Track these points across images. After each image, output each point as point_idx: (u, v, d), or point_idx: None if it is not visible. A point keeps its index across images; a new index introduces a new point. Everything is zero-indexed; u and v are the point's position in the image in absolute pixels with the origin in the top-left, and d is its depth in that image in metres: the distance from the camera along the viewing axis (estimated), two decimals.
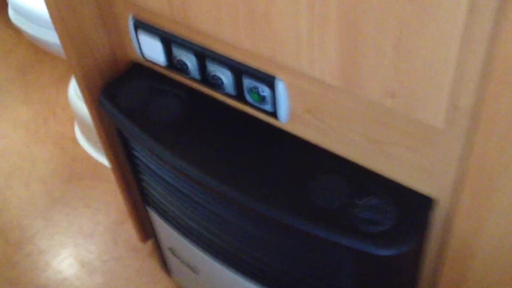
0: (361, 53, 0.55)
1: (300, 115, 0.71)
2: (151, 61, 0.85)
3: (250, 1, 0.61)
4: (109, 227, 1.34)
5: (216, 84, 0.76)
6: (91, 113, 0.96)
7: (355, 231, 0.64)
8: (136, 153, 0.89)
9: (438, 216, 0.66)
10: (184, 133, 0.79)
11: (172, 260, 1.09)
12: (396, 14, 0.49)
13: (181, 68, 0.79)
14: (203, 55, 0.75)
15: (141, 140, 0.81)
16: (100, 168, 1.47)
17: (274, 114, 0.74)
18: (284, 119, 0.74)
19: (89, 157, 1.51)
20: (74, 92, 1.47)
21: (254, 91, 0.73)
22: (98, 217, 1.36)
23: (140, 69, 0.89)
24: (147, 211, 1.02)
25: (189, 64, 0.78)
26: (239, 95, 0.76)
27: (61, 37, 0.85)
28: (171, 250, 1.04)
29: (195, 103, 0.83)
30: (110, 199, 1.40)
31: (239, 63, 0.72)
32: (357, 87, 0.59)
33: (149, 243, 1.29)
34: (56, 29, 0.84)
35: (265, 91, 0.72)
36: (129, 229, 1.33)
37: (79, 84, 0.92)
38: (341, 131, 0.68)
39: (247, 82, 0.73)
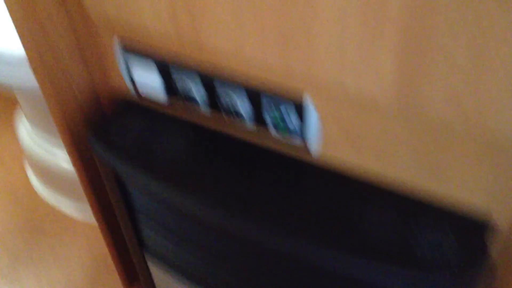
0: (427, 68, 0.49)
1: (334, 143, 0.64)
2: (144, 94, 0.76)
3: (284, 16, 0.54)
4: (86, 280, 1.20)
5: (231, 115, 0.68)
6: (72, 157, 0.85)
7: (417, 264, 0.58)
8: (134, 198, 0.79)
9: (499, 237, 0.61)
10: (195, 174, 0.70)
11: None
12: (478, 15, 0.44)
13: (185, 97, 0.71)
14: (212, 79, 0.67)
15: (143, 182, 0.71)
16: (64, 217, 1.33)
17: (303, 146, 0.67)
18: (315, 150, 0.66)
19: (49, 206, 1.36)
20: (26, 134, 1.32)
21: (279, 122, 0.65)
22: (71, 272, 1.22)
23: (130, 104, 0.79)
24: (143, 258, 0.91)
25: (195, 91, 0.69)
26: (260, 128, 0.68)
27: (36, 73, 0.74)
28: None
29: (204, 140, 0.74)
30: (82, 251, 1.26)
31: (262, 91, 0.64)
32: (417, 106, 0.53)
33: None
34: (31, 62, 0.73)
35: (293, 120, 0.64)
36: (109, 280, 1.20)
37: (59, 125, 0.80)
38: (387, 156, 0.61)
39: (271, 113, 0.65)
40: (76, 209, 1.34)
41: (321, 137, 0.64)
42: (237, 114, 0.68)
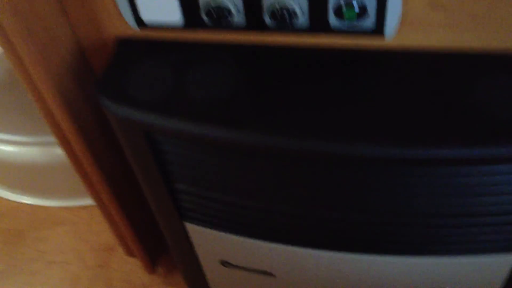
0: None
1: (418, 18, 0.53)
2: (154, 27, 0.60)
3: None
4: (95, 274, 1.04)
5: (281, 21, 0.54)
6: (70, 131, 0.68)
7: None
8: (171, 157, 0.64)
9: None
10: (248, 104, 0.57)
11: (223, 274, 0.86)
12: None
13: (217, 18, 0.56)
14: None
15: (193, 134, 0.57)
16: (40, 212, 1.14)
17: (376, 30, 0.55)
18: (393, 32, 0.55)
19: (18, 205, 1.16)
20: None
21: (347, 6, 0.53)
22: (73, 269, 1.05)
23: (135, 45, 0.62)
24: (184, 228, 0.77)
25: (231, 8, 0.55)
26: (317, 24, 0.55)
27: (10, 32, 0.55)
28: (225, 263, 0.81)
29: (243, 58, 0.60)
30: (75, 242, 1.09)
31: None
32: None
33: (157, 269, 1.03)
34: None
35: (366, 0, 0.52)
36: (122, 266, 1.05)
37: (42, 95, 0.62)
38: (495, 16, 0.51)
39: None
40: (48, 197, 1.15)
41: (401, 11, 0.53)
42: (290, 19, 0.54)
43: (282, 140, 0.55)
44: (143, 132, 0.60)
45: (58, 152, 1.03)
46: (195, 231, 0.77)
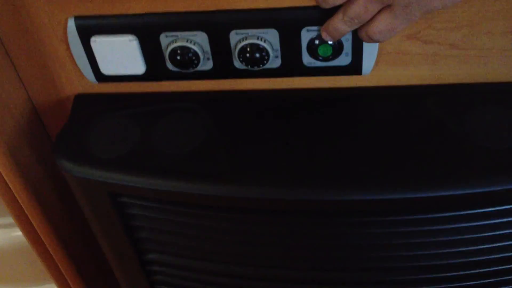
0: None
1: (395, 50, 0.50)
2: (114, 80, 0.55)
3: None
4: None
5: (251, 60, 0.51)
6: (30, 207, 0.61)
7: None
8: (141, 222, 0.58)
9: None
10: (221, 155, 0.52)
11: None
12: None
13: (183, 66, 0.52)
14: (231, 21, 0.49)
15: (159, 189, 0.51)
16: None
17: (351, 67, 0.52)
18: (369, 68, 0.52)
19: None
20: None
21: (321, 43, 0.50)
22: None
23: (93, 100, 0.57)
24: None
25: (199, 53, 0.51)
26: (289, 64, 0.52)
27: None
28: None
29: (214, 109, 0.55)
30: None
31: (295, 9, 0.48)
32: None
33: None
34: None
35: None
36: None
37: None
38: (475, 42, 0.49)
39: (308, 34, 0.49)
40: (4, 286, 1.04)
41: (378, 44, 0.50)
42: (261, 59, 0.51)
43: (261, 191, 0.50)
44: (108, 195, 0.54)
45: (12, 234, 0.94)
46: None
